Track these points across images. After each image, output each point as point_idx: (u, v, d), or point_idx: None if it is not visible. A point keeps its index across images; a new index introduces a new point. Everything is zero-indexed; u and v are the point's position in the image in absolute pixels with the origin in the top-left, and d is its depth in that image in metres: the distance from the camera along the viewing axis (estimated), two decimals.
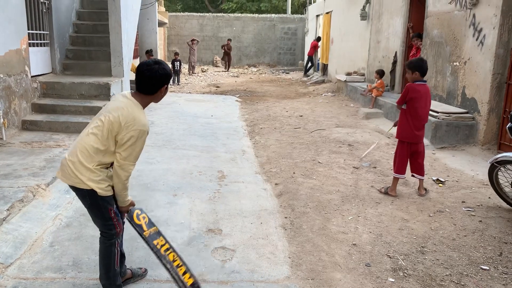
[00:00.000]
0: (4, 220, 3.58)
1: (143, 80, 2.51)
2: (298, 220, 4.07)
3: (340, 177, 5.28)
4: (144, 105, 2.57)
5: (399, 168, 4.70)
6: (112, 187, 2.56)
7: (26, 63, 6.61)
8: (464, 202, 4.56)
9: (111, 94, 7.23)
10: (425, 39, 8.40)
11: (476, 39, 6.68)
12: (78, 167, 2.46)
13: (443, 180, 5.21)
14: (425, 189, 4.81)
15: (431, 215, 4.24)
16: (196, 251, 3.44)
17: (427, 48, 8.25)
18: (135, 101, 2.53)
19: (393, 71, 10.24)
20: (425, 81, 4.63)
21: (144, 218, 2.66)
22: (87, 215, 3.91)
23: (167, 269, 2.60)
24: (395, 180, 4.72)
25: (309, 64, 19.12)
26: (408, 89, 4.52)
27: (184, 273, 2.61)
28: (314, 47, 18.47)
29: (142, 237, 2.62)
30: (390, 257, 3.43)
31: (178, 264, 2.62)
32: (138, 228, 2.62)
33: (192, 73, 19.24)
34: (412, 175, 4.82)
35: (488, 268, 3.29)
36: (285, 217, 4.15)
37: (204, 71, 20.65)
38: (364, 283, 3.08)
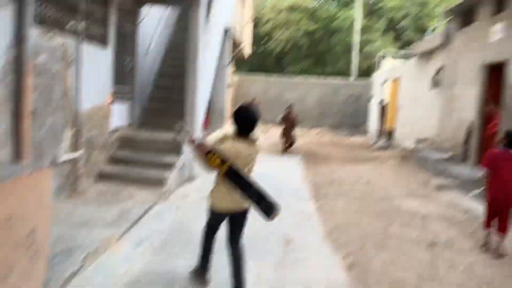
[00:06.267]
0: (77, 272, 3.66)
1: (251, 123, 3.20)
2: None
3: (413, 253, 4.91)
4: None
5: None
6: None
7: (108, 117, 7.10)
8: None
9: (181, 152, 7.48)
10: (502, 112, 7.97)
11: None
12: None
13: None
14: (503, 254, 5.00)
15: None
16: None
17: (504, 122, 7.79)
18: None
19: (466, 142, 9.75)
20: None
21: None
22: (155, 271, 3.94)
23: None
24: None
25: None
26: (487, 154, 5.35)
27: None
28: None
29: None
30: None
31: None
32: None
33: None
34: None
35: None
36: None
37: (266, 132, 20.99)
38: None
